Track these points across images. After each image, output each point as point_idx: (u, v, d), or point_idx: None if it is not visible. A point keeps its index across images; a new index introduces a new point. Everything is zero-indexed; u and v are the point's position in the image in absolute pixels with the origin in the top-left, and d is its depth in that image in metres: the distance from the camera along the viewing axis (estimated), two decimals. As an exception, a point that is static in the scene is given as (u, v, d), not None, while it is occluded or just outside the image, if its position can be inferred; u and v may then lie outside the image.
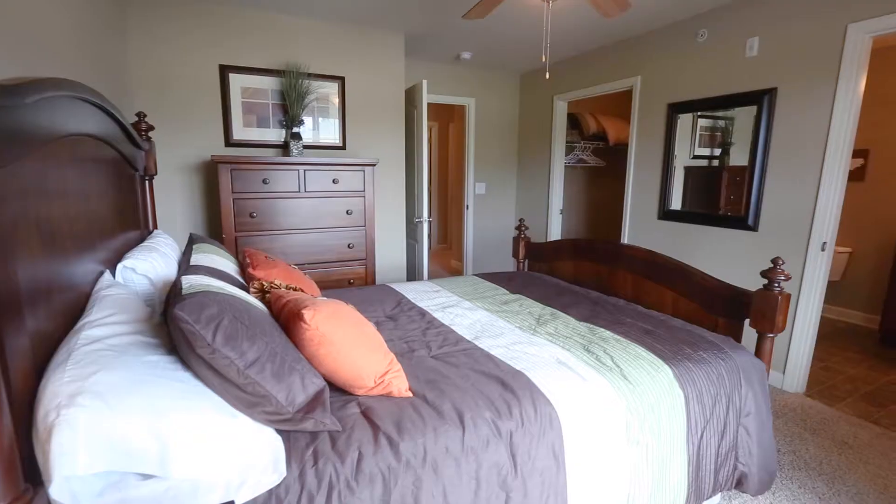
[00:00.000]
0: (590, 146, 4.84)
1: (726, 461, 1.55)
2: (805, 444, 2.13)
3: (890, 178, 3.70)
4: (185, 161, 3.04)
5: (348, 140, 3.49)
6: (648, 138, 3.52)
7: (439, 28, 3.43)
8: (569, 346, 1.60)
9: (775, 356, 2.70)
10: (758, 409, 1.60)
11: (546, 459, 1.18)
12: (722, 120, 3.05)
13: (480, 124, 4.84)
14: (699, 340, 1.70)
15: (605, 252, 2.51)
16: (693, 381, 1.48)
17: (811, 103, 2.53)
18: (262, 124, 3.19)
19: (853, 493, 1.80)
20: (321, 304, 1.23)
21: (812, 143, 2.54)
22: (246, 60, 3.09)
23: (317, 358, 1.17)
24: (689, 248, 3.25)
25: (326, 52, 3.31)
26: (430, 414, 1.15)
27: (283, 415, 0.98)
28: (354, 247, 3.14)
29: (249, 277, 1.72)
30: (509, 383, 1.30)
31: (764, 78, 2.75)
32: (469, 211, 4.96)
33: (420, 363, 1.46)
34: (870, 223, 3.82)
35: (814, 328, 2.65)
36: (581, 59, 4.11)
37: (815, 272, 2.58)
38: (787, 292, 1.64)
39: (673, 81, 3.30)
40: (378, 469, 1.01)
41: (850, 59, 2.36)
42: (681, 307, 2.06)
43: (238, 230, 2.78)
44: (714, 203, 3.12)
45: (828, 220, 2.51)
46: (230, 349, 0.94)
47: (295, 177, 2.90)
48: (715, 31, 3.00)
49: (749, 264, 2.87)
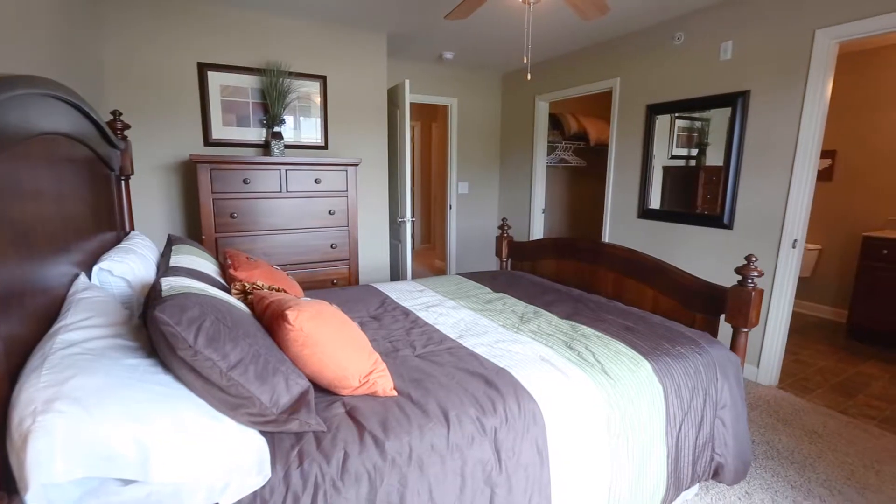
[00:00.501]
0: (571, 146, 4.90)
1: (703, 452, 1.60)
2: (778, 435, 2.20)
3: (856, 177, 3.85)
4: (162, 161, 2.98)
5: (330, 140, 3.46)
6: (628, 139, 3.59)
7: (421, 28, 3.44)
8: (551, 344, 1.63)
9: (750, 350, 2.79)
10: (733, 401, 1.65)
11: (530, 455, 1.20)
12: (698, 121, 3.12)
13: (463, 124, 4.86)
14: (677, 336, 1.74)
15: (586, 251, 2.55)
16: (671, 376, 1.52)
17: (782, 106, 2.62)
18: (242, 123, 3.14)
19: (822, 480, 1.87)
20: (305, 304, 1.22)
21: (783, 144, 2.63)
22: (225, 58, 3.04)
23: (301, 358, 1.17)
24: (667, 246, 3.32)
25: (308, 51, 3.29)
26: (416, 412, 1.15)
27: (268, 416, 0.97)
28: (337, 247, 3.12)
29: (231, 279, 1.70)
30: (493, 381, 1.31)
31: (737, 80, 2.83)
32: (452, 211, 4.97)
33: (405, 362, 1.46)
34: (837, 221, 3.97)
35: (786, 323, 2.74)
36: (562, 60, 4.16)
37: (786, 269, 2.67)
38: (760, 288, 1.70)
39: (651, 83, 3.37)
40: (364, 468, 1.01)
41: (818, 64, 2.45)
42: (660, 304, 2.11)
43: (218, 231, 2.73)
44: (691, 202, 3.20)
45: (798, 219, 2.60)
46: (212, 351, 0.93)
47: (276, 177, 2.87)
48: (691, 34, 3.08)
49: (724, 261, 2.95)
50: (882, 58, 3.63)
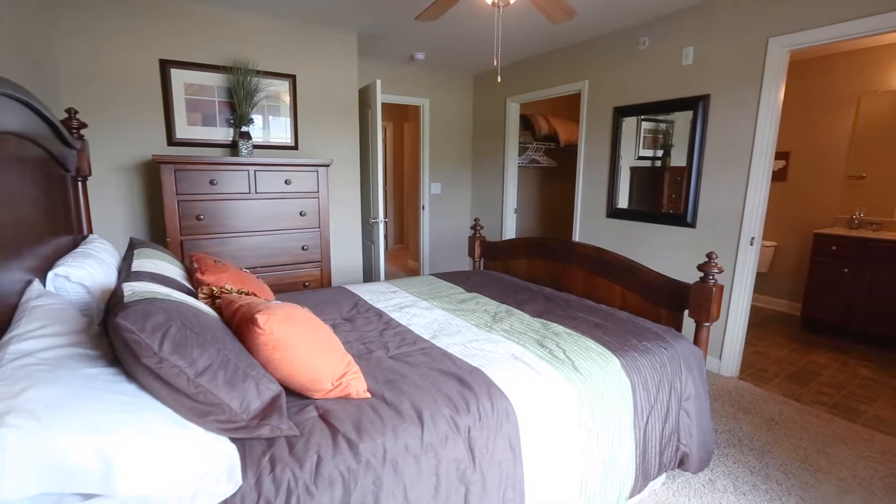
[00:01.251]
0: (542, 147, 4.98)
1: (670, 443, 1.66)
2: (739, 423, 2.31)
3: (808, 177, 4.07)
4: (123, 161, 2.86)
5: (301, 140, 3.41)
6: (596, 140, 3.68)
7: (392, 28, 3.43)
8: (523, 342, 1.66)
9: (712, 343, 2.91)
10: (697, 392, 1.72)
11: (503, 452, 1.22)
12: (663, 123, 3.24)
13: (435, 125, 4.87)
14: (644, 332, 1.80)
15: (557, 250, 2.60)
16: (639, 370, 1.57)
17: (739, 109, 2.75)
18: (208, 123, 3.05)
19: (779, 465, 1.97)
20: (275, 307, 1.20)
21: (740, 146, 2.76)
22: (189, 55, 2.95)
23: (272, 363, 1.15)
24: (635, 244, 3.43)
25: (276, 49, 3.22)
26: (389, 414, 1.15)
27: (238, 422, 0.96)
28: (309, 249, 3.07)
29: (198, 283, 1.66)
30: (466, 380, 1.33)
31: (698, 85, 2.95)
32: (425, 211, 4.98)
33: (378, 364, 1.46)
34: (792, 219, 4.18)
35: (745, 316, 2.88)
36: (532, 62, 4.23)
37: (745, 265, 2.80)
38: (720, 284, 1.78)
39: (618, 86, 3.47)
40: (338, 471, 1.00)
41: (772, 70, 2.58)
42: (628, 301, 2.18)
43: (184, 233, 2.65)
44: (657, 202, 3.31)
45: (755, 217, 2.73)
46: (179, 358, 0.91)
47: (245, 177, 2.80)
48: (655, 39, 3.18)
49: (688, 259, 3.07)
50: (830, 65, 3.85)
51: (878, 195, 3.67)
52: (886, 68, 3.56)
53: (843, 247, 3.45)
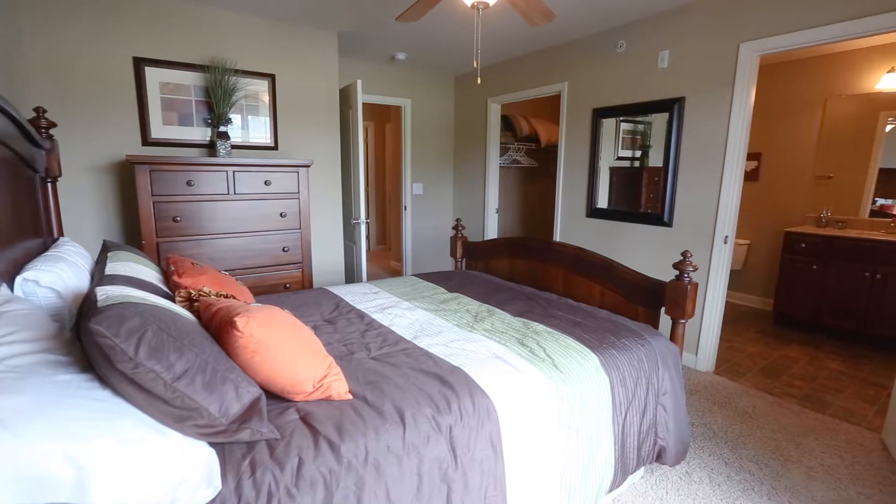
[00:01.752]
0: (523, 147, 5.03)
1: (647, 437, 1.70)
2: (714, 417, 2.37)
3: (779, 177, 4.21)
4: (95, 161, 2.78)
5: (280, 140, 3.37)
6: (576, 141, 3.74)
7: (373, 28, 3.42)
8: (504, 341, 1.68)
9: (689, 339, 2.98)
10: (673, 388, 1.77)
11: (485, 450, 1.24)
12: (641, 124, 3.30)
13: (417, 125, 4.87)
14: (622, 329, 1.84)
15: (537, 249, 2.64)
16: (617, 367, 1.61)
17: (712, 112, 2.82)
18: (184, 122, 2.99)
19: (752, 456, 2.04)
20: (255, 310, 1.19)
21: (714, 148, 2.84)
22: (165, 53, 2.88)
23: (252, 366, 1.14)
24: (614, 243, 3.49)
25: (255, 48, 3.18)
26: (371, 414, 1.16)
27: (217, 427, 0.95)
28: (290, 250, 3.04)
29: (175, 286, 1.63)
30: (448, 379, 1.34)
31: (674, 87, 3.02)
32: (407, 211, 4.97)
33: (360, 365, 1.46)
34: (764, 218, 4.32)
35: (720, 313, 2.96)
36: (513, 63, 4.26)
37: (719, 263, 2.88)
38: (695, 282, 1.83)
39: (597, 88, 3.53)
40: (319, 473, 1.00)
41: (743, 74, 2.66)
42: (607, 299, 2.22)
43: (160, 236, 2.59)
44: (636, 201, 3.38)
45: (729, 216, 2.81)
46: (155, 362, 0.89)
47: (223, 178, 2.76)
48: (632, 42, 3.25)
49: (666, 257, 3.14)
50: (798, 70, 3.99)
51: (844, 195, 3.82)
52: (850, 73, 3.71)
53: (812, 245, 3.58)
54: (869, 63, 3.60)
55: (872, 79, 3.59)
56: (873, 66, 3.58)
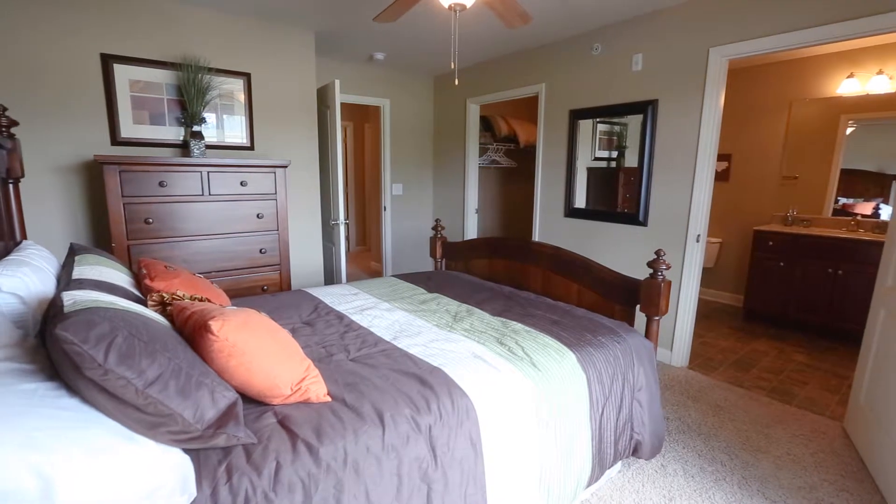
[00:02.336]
0: (502, 148, 5.07)
1: (624, 432, 1.74)
2: (688, 410, 2.44)
3: (748, 178, 4.35)
4: (61, 162, 2.69)
5: (257, 140, 3.31)
6: (554, 142, 3.79)
7: (351, 28, 3.39)
8: (483, 341, 1.69)
9: (664, 335, 3.06)
10: (648, 383, 1.81)
11: (464, 449, 1.25)
12: (617, 126, 3.37)
13: (396, 125, 4.86)
14: (599, 327, 1.88)
15: (516, 249, 2.66)
16: (594, 364, 1.64)
17: (684, 114, 2.90)
18: (156, 121, 2.92)
19: (723, 447, 2.10)
20: (230, 313, 1.17)
21: (686, 149, 2.92)
22: (134, 50, 2.80)
23: (228, 370, 1.12)
24: (591, 242, 3.55)
25: (230, 46, 3.12)
26: (350, 416, 1.15)
27: (192, 433, 0.93)
28: (267, 252, 2.99)
29: (147, 290, 1.59)
30: (427, 380, 1.34)
31: (647, 90, 3.09)
32: (387, 212, 4.95)
33: (339, 367, 1.45)
34: (734, 217, 4.46)
35: (693, 309, 3.04)
36: (491, 64, 4.29)
37: (692, 260, 2.96)
38: (668, 280, 1.88)
39: (573, 89, 3.58)
40: (298, 477, 0.99)
41: (713, 77, 2.74)
42: (584, 297, 2.26)
43: (131, 238, 2.52)
44: (612, 201, 3.44)
45: (701, 215, 2.90)
46: (126, 368, 0.87)
47: (198, 179, 2.70)
48: (607, 45, 3.31)
49: (641, 256, 3.21)
50: (765, 74, 4.13)
51: (809, 194, 3.98)
52: (813, 78, 3.86)
53: (779, 242, 3.72)
54: (830, 68, 3.76)
55: (833, 83, 3.75)
56: (834, 71, 3.74)
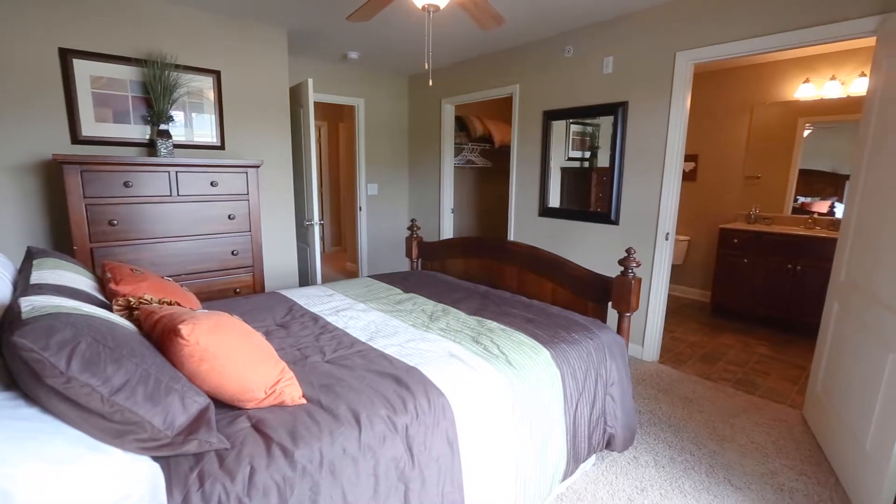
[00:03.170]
0: (477, 148, 5.10)
1: (597, 426, 1.78)
2: (659, 403, 2.52)
3: (714, 178, 4.51)
4: (16, 161, 2.56)
5: (228, 139, 3.24)
6: (528, 142, 3.84)
7: (324, 26, 3.35)
8: (459, 340, 1.71)
9: (635, 331, 3.14)
10: (620, 378, 1.86)
11: (441, 447, 1.26)
12: (589, 126, 3.44)
13: (371, 125, 4.83)
14: (572, 324, 1.92)
15: (492, 248, 2.69)
16: (567, 360, 1.67)
17: (653, 115, 2.99)
18: (120, 119, 2.81)
19: (692, 438, 2.18)
20: (201, 317, 1.15)
21: (655, 149, 3.00)
22: (96, 45, 2.70)
23: (199, 375, 1.10)
24: (565, 241, 3.62)
25: (198, 43, 3.04)
26: (326, 418, 1.15)
27: (161, 440, 0.91)
28: (239, 254, 2.93)
29: (112, 294, 1.53)
30: (403, 379, 1.35)
31: (617, 92, 3.17)
32: (362, 212, 4.92)
33: (314, 369, 1.43)
34: (701, 215, 4.61)
35: (663, 305, 3.14)
36: (466, 65, 4.32)
37: (662, 258, 3.05)
38: (638, 277, 1.93)
39: (547, 91, 3.64)
40: (272, 481, 0.98)
41: (679, 81, 2.83)
42: (558, 295, 2.30)
43: (94, 241, 2.43)
44: (585, 201, 3.51)
45: (670, 214, 2.99)
46: (90, 376, 0.84)
47: (165, 179, 2.62)
48: (579, 48, 3.38)
49: (613, 254, 3.29)
50: (729, 78, 4.29)
51: (770, 193, 4.15)
52: (773, 83, 4.04)
53: (743, 240, 3.87)
54: (788, 74, 3.94)
55: (791, 88, 3.93)
56: (791, 76, 3.92)
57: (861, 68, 3.52)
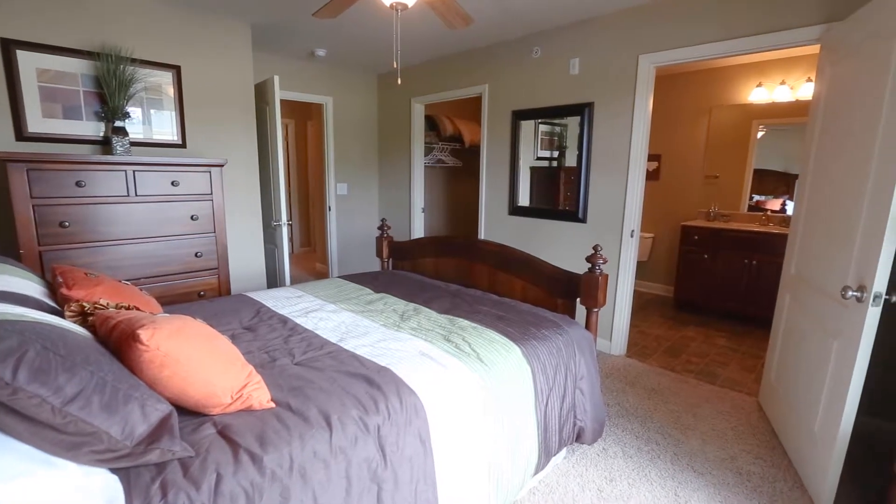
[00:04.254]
0: (447, 147, 5.11)
1: (568, 420, 1.82)
2: (626, 396, 2.59)
3: (676, 177, 4.68)
4: (-45, 159, 2.39)
5: (189, 137, 3.12)
6: (497, 141, 3.87)
7: (290, 22, 3.28)
8: (431, 339, 1.71)
9: (603, 326, 3.23)
10: (589, 372, 1.90)
11: (414, 447, 1.25)
12: (558, 126, 3.50)
13: (339, 124, 4.76)
14: (542, 321, 1.95)
15: (462, 247, 2.70)
16: (538, 356, 1.70)
17: (617, 116, 3.07)
18: (71, 115, 2.67)
19: (658, 428, 2.26)
20: (162, 321, 1.11)
21: (620, 149, 3.09)
22: (42, 36, 2.55)
23: (160, 381, 1.05)
24: (535, 239, 3.67)
25: (156, 35, 2.91)
26: (296, 421, 1.12)
27: (119, 451, 0.87)
28: (203, 255, 2.83)
29: (64, 299, 1.46)
30: (375, 380, 1.33)
31: (584, 93, 3.24)
32: (332, 212, 4.85)
33: (283, 372, 1.40)
34: (664, 213, 4.78)
35: (630, 301, 3.23)
36: (435, 64, 4.31)
37: (627, 255, 3.14)
38: (605, 273, 1.99)
39: (515, 91, 3.68)
40: (240, 487, 0.95)
41: (642, 82, 2.92)
42: (529, 293, 2.34)
43: (43, 244, 2.29)
44: (554, 199, 3.58)
45: (634, 212, 3.08)
46: (40, 386, 0.80)
47: (122, 178, 2.50)
48: (547, 49, 3.43)
49: (582, 251, 3.36)
50: (689, 81, 4.46)
51: (728, 192, 4.35)
52: (729, 86, 4.23)
53: (703, 236, 4.03)
54: (742, 78, 4.13)
55: (745, 92, 4.12)
56: (745, 81, 4.11)
57: (808, 74, 3.74)
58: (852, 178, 1.72)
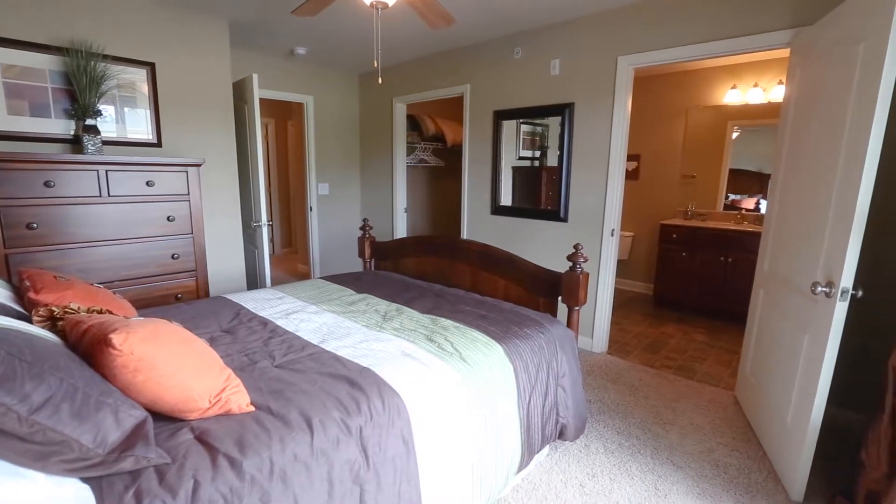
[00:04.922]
0: (430, 147, 5.10)
1: (550, 417, 1.83)
2: (607, 392, 2.63)
3: (655, 176, 4.77)
4: (-86, 158, 2.28)
5: (165, 136, 3.04)
6: (479, 141, 3.89)
7: (269, 20, 3.23)
8: (413, 339, 1.70)
9: (584, 324, 3.27)
10: (570, 369, 1.93)
11: (396, 447, 1.25)
12: (539, 127, 3.53)
13: (320, 123, 4.71)
14: (524, 319, 1.97)
15: (445, 247, 2.70)
16: (520, 355, 1.71)
17: (597, 117, 3.12)
18: (38, 113, 2.58)
19: (638, 423, 2.30)
20: (136, 325, 1.08)
21: (600, 149, 3.13)
22: (6, 31, 2.45)
23: (134, 387, 1.03)
24: (517, 239, 3.69)
25: (129, 31, 2.83)
26: (276, 425, 1.11)
27: (91, 459, 0.84)
28: (180, 257, 2.77)
29: (32, 304, 1.41)
30: (356, 381, 1.32)
31: (565, 93, 3.27)
32: (313, 212, 4.79)
33: (263, 374, 1.38)
34: (644, 212, 4.86)
35: (611, 298, 3.28)
36: (417, 64, 4.30)
37: (608, 253, 3.19)
38: (586, 272, 2.01)
39: (497, 91, 3.70)
40: (219, 493, 0.94)
41: (621, 84, 2.97)
42: (511, 292, 2.35)
43: (9, 246, 2.21)
44: (536, 199, 3.60)
45: (615, 211, 3.13)
46: (4, 394, 0.77)
47: (94, 178, 2.43)
48: (528, 49, 3.46)
49: (564, 250, 3.40)
50: (667, 82, 4.55)
51: (705, 191, 4.45)
52: (705, 88, 4.33)
53: (681, 235, 4.12)
54: (717, 80, 4.23)
55: (720, 93, 4.22)
56: (720, 83, 4.21)
57: (779, 76, 3.85)
58: (820, 178, 1.78)
